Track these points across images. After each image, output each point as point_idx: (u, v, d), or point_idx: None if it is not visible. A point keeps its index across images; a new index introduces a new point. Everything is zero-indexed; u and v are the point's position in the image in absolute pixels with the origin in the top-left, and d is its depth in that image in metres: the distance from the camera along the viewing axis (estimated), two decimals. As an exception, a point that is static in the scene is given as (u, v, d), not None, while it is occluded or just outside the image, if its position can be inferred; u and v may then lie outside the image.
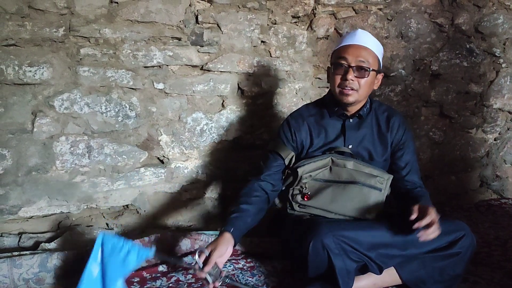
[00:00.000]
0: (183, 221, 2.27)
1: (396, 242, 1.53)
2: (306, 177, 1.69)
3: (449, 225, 1.54)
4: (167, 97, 2.16)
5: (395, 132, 1.76)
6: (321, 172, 1.70)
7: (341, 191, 1.66)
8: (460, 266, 1.56)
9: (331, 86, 1.72)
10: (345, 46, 1.68)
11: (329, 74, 1.75)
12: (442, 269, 1.55)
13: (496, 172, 2.89)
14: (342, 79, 1.65)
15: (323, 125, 1.77)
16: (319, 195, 1.68)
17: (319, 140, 1.76)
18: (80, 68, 1.97)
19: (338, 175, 1.69)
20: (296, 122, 1.78)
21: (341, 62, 1.65)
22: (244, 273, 1.72)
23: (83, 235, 2.01)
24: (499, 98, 2.80)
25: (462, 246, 1.53)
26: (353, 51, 1.64)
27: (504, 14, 2.71)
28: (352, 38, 1.68)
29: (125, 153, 2.10)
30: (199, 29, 2.17)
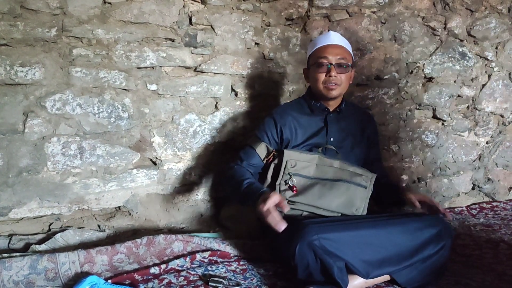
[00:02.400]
0: (176, 223, 2.26)
1: (390, 258, 1.55)
2: (291, 165, 1.74)
3: (425, 221, 1.62)
4: (160, 98, 2.15)
5: (369, 130, 1.99)
6: (307, 169, 1.76)
7: (328, 188, 1.75)
8: (446, 255, 1.62)
9: (314, 84, 1.86)
10: (323, 47, 1.83)
11: (308, 75, 1.91)
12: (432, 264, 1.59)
13: (488, 175, 2.91)
14: (326, 76, 1.81)
15: (305, 120, 1.89)
16: (307, 192, 1.74)
17: (302, 134, 1.86)
18: (73, 69, 1.96)
19: (324, 173, 1.78)
20: (281, 117, 1.87)
21: (323, 62, 1.81)
22: (236, 276, 1.71)
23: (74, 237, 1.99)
24: (491, 101, 2.82)
25: (444, 237, 1.59)
26: (332, 50, 1.82)
27: (496, 18, 2.73)
28: (327, 39, 1.85)
29: (118, 154, 2.09)
30: (193, 31, 2.16)
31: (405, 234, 1.57)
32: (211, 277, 1.65)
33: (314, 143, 1.84)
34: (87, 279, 1.51)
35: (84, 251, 1.72)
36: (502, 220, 2.52)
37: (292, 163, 1.75)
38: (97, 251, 1.74)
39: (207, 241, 1.91)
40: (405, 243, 1.56)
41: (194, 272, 1.71)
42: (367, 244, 1.54)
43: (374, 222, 1.63)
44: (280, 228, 1.45)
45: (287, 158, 1.75)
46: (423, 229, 1.58)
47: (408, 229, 1.58)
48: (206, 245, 1.90)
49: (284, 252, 1.57)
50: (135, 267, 1.75)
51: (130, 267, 1.75)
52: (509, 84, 2.84)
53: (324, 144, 1.85)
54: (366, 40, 2.49)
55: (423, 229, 1.58)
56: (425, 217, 1.66)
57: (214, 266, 1.77)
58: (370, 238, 1.56)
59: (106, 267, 1.72)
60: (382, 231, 1.58)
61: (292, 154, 1.78)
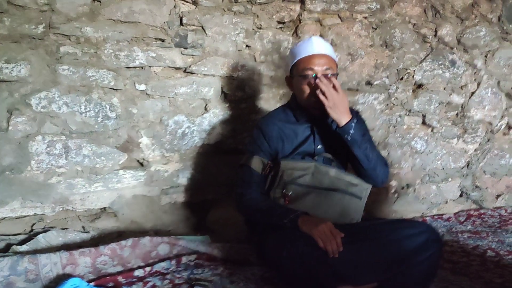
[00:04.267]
0: (162, 226, 2.22)
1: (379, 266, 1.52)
2: (288, 174, 1.70)
3: (414, 228, 1.55)
4: (148, 98, 2.12)
5: None
6: (303, 177, 1.71)
7: (323, 197, 1.70)
8: (435, 262, 1.57)
9: (300, 96, 1.79)
10: (308, 57, 1.74)
11: (292, 84, 1.83)
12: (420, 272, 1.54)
13: (476, 183, 2.92)
14: (312, 89, 1.71)
15: (292, 129, 1.82)
16: (301, 201, 1.70)
17: (290, 144, 1.80)
18: (60, 67, 1.93)
19: (320, 181, 1.72)
20: (267, 128, 1.81)
21: (308, 74, 1.72)
22: (222, 279, 1.68)
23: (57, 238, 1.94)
24: (480, 109, 2.83)
25: (432, 245, 1.54)
26: (318, 61, 1.72)
27: (486, 27, 2.75)
28: (311, 48, 1.75)
29: (104, 154, 2.05)
30: (183, 31, 2.14)
31: (394, 242, 1.54)
32: (196, 281, 1.62)
33: (302, 152, 1.80)
34: (69, 281, 1.47)
35: (67, 253, 1.68)
36: (489, 227, 2.53)
37: (288, 173, 1.71)
38: (80, 252, 1.70)
39: (193, 244, 1.88)
40: (394, 250, 1.54)
41: (180, 275, 1.68)
42: (355, 251, 1.52)
43: (363, 230, 1.61)
44: (335, 256, 1.45)
45: (284, 168, 1.71)
46: (411, 237, 1.54)
47: (396, 237, 1.55)
48: (193, 248, 1.87)
49: (271, 257, 1.54)
50: (119, 269, 1.71)
51: (114, 269, 1.71)
52: (497, 93, 2.86)
53: (311, 152, 1.80)
54: (357, 45, 2.50)
55: (411, 237, 1.54)
56: (413, 224, 1.64)
57: (200, 269, 1.74)
58: (359, 245, 1.54)
59: (89, 269, 1.69)
60: (371, 239, 1.55)
61: (288, 164, 1.73)
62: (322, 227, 1.48)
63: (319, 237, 1.47)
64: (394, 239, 1.55)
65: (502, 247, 2.18)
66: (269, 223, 1.61)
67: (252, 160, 1.77)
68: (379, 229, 1.60)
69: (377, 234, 1.57)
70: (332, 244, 1.46)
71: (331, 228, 1.49)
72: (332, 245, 1.46)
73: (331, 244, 1.46)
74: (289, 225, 1.53)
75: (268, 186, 1.76)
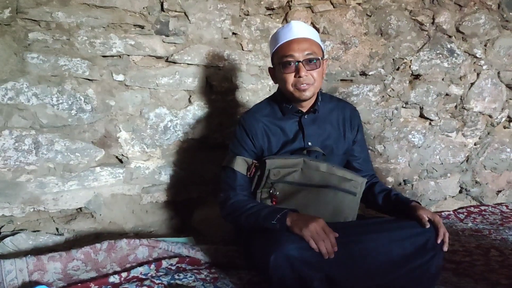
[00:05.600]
0: (143, 227, 2.10)
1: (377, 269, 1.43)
2: (274, 174, 1.58)
3: (415, 228, 1.48)
4: (127, 90, 2.00)
5: (356, 129, 1.79)
6: (292, 174, 1.60)
7: (314, 196, 1.60)
8: (437, 265, 1.49)
9: (283, 86, 1.66)
10: (286, 43, 1.61)
11: (275, 75, 1.70)
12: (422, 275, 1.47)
13: (476, 178, 2.84)
14: (295, 76, 1.60)
15: (278, 124, 1.69)
16: (291, 200, 1.59)
17: (277, 141, 1.68)
18: (28, 55, 1.79)
19: (310, 178, 1.61)
20: (251, 126, 1.68)
21: (289, 60, 1.59)
22: (206, 285, 1.56)
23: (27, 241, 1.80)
24: (480, 101, 2.73)
25: (434, 246, 1.47)
26: (298, 46, 1.59)
27: (485, 14, 2.65)
28: (290, 33, 1.62)
29: (79, 150, 1.92)
30: (165, 17, 2.01)
31: (393, 243, 1.44)
32: (177, 287, 1.52)
33: (291, 150, 1.67)
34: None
35: (34, 258, 1.55)
36: (491, 225, 2.43)
37: (275, 172, 1.59)
38: (50, 257, 1.57)
39: (175, 246, 1.76)
40: (392, 253, 1.44)
41: (159, 281, 1.56)
42: (351, 254, 1.41)
43: (360, 230, 1.50)
44: (331, 256, 1.35)
45: (270, 167, 1.59)
46: (411, 238, 1.45)
47: (397, 237, 1.45)
48: (174, 250, 1.74)
49: (258, 261, 1.44)
50: (93, 275, 1.59)
51: (87, 275, 1.58)
52: (498, 83, 2.76)
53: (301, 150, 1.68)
54: (351, 33, 2.38)
55: (411, 237, 1.45)
56: (413, 224, 1.52)
57: (182, 274, 1.62)
58: (355, 247, 1.43)
59: (59, 276, 1.56)
60: (368, 240, 1.45)
61: (275, 161, 1.60)
62: (314, 226, 1.36)
63: (311, 237, 1.34)
64: (392, 240, 1.45)
65: (506, 246, 2.09)
66: (256, 227, 1.49)
67: (235, 161, 1.64)
68: (375, 229, 1.49)
69: (374, 234, 1.46)
70: (326, 244, 1.35)
71: (323, 226, 1.38)
72: (326, 245, 1.35)
73: (324, 244, 1.35)
74: (278, 226, 1.40)
75: (255, 187, 1.64)
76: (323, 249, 1.34)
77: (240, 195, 1.61)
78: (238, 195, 1.61)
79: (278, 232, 1.39)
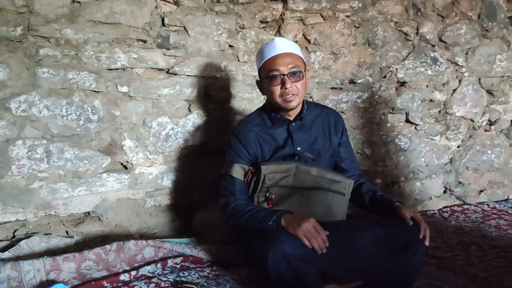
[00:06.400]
0: (147, 229, 2.20)
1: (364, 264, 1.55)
2: (270, 178, 1.69)
3: (398, 227, 1.59)
4: (131, 100, 2.11)
5: (340, 132, 1.90)
6: (285, 179, 1.72)
7: (307, 197, 1.71)
8: (419, 259, 1.60)
9: (270, 98, 1.77)
10: (272, 59, 1.74)
11: (263, 87, 1.82)
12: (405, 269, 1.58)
13: (459, 179, 2.95)
14: (281, 88, 1.72)
15: (269, 133, 1.81)
16: (284, 202, 1.70)
17: (269, 147, 1.80)
18: (39, 69, 1.90)
19: (302, 181, 1.73)
20: (244, 135, 1.80)
21: (275, 74, 1.71)
22: (209, 281, 1.68)
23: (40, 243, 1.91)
24: (462, 106, 2.86)
25: (417, 242, 1.57)
26: (282, 61, 1.72)
27: (466, 25, 2.78)
28: (274, 49, 1.75)
29: (87, 158, 2.03)
30: (165, 32, 2.13)
31: (379, 240, 1.56)
32: (183, 283, 1.62)
33: (282, 156, 1.79)
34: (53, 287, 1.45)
35: (50, 258, 1.66)
36: (473, 222, 2.56)
37: (270, 177, 1.70)
38: (64, 258, 1.68)
39: (179, 246, 1.87)
40: (379, 249, 1.55)
41: (166, 279, 1.67)
42: (341, 251, 1.53)
43: (349, 228, 1.62)
44: (323, 251, 1.47)
45: (265, 172, 1.70)
46: (396, 235, 1.57)
47: (382, 235, 1.57)
48: (178, 250, 1.86)
49: (256, 259, 1.54)
50: (104, 274, 1.70)
51: (99, 274, 1.69)
52: (479, 89, 2.90)
53: (291, 154, 1.79)
54: (340, 44, 2.50)
55: (396, 235, 1.57)
56: (398, 222, 1.65)
57: (186, 272, 1.74)
58: (344, 245, 1.55)
59: (74, 275, 1.66)
60: (356, 238, 1.57)
61: (269, 167, 1.72)
62: (306, 225, 1.48)
63: (304, 235, 1.47)
64: (379, 237, 1.56)
65: (485, 242, 2.22)
66: (255, 228, 1.61)
67: (233, 168, 1.75)
68: (363, 227, 1.61)
69: (362, 232, 1.58)
70: (318, 240, 1.47)
71: (314, 225, 1.50)
72: (318, 242, 1.47)
73: (316, 241, 1.47)
74: (274, 227, 1.53)
75: (252, 191, 1.75)
76: (316, 245, 1.46)
77: (239, 199, 1.71)
78: (237, 200, 1.71)
79: (275, 232, 1.51)
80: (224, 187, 1.77)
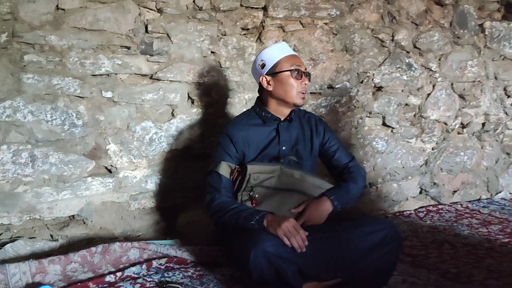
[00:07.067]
0: (132, 231, 2.23)
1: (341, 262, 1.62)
2: (254, 178, 1.75)
3: (374, 225, 1.67)
4: (115, 105, 2.14)
5: (321, 135, 1.97)
6: (269, 180, 1.78)
7: (287, 198, 1.78)
8: (394, 257, 1.68)
9: (288, 91, 1.82)
10: (293, 56, 1.85)
11: (271, 83, 1.84)
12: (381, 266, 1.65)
13: (434, 180, 3.05)
14: (301, 83, 1.81)
15: (257, 132, 1.87)
16: (267, 201, 1.76)
17: (256, 146, 1.85)
18: (24, 75, 1.92)
19: (285, 183, 1.79)
20: (234, 133, 1.84)
21: (298, 69, 1.81)
22: (193, 281, 1.73)
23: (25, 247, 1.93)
24: (436, 110, 2.97)
25: (392, 240, 1.64)
26: (299, 60, 1.85)
27: (439, 32, 2.90)
28: (289, 49, 1.88)
29: (72, 162, 2.05)
30: (149, 39, 2.17)
31: (355, 239, 1.64)
32: (167, 284, 1.66)
33: (267, 154, 1.85)
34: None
35: (36, 261, 1.68)
36: (446, 222, 2.66)
37: (254, 177, 1.76)
38: (50, 260, 1.71)
39: (163, 248, 1.91)
40: (355, 247, 1.63)
41: (151, 279, 1.71)
42: (319, 249, 1.60)
43: (326, 228, 1.70)
44: (303, 250, 1.54)
45: (250, 172, 1.76)
46: (371, 234, 1.64)
47: (358, 234, 1.64)
48: (163, 252, 1.90)
49: (239, 258, 1.60)
50: (90, 275, 1.72)
51: (85, 276, 1.72)
52: (451, 94, 3.01)
53: (276, 153, 1.86)
54: (319, 50, 2.58)
55: (372, 233, 1.64)
56: (374, 221, 1.73)
57: (170, 272, 1.78)
58: (322, 243, 1.62)
59: (59, 277, 1.69)
60: (333, 237, 1.65)
61: (255, 167, 1.77)
62: (286, 225, 1.55)
63: (284, 235, 1.54)
64: (356, 236, 1.64)
65: (457, 240, 2.32)
66: (238, 226, 1.66)
67: (220, 166, 1.80)
68: (341, 227, 1.69)
69: (339, 232, 1.66)
70: (297, 240, 1.54)
71: (294, 225, 1.57)
72: (298, 241, 1.54)
73: (296, 240, 1.54)
74: (256, 226, 1.59)
75: (236, 189, 1.81)
76: (295, 244, 1.53)
77: (225, 196, 1.76)
78: (223, 197, 1.76)
79: (257, 232, 1.57)
80: (210, 184, 1.81)
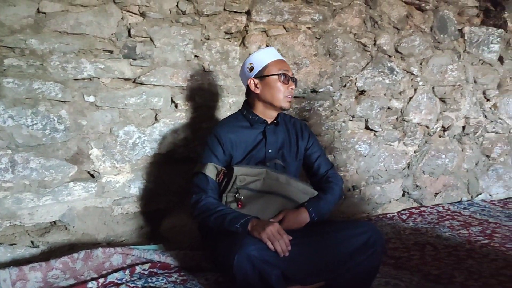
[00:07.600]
0: (115, 237, 2.21)
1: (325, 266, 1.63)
2: (240, 180, 1.76)
3: (357, 229, 1.68)
4: (98, 110, 2.12)
5: (306, 140, 2.00)
6: (255, 183, 1.79)
7: (272, 202, 1.80)
8: (377, 259, 1.68)
9: (274, 95, 1.85)
10: (281, 61, 1.89)
11: (258, 86, 1.87)
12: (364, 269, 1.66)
13: (416, 182, 3.10)
14: (287, 88, 1.85)
15: (244, 134, 1.89)
16: (252, 204, 1.78)
17: (243, 149, 1.88)
18: (4, 79, 1.90)
19: (270, 187, 1.81)
20: (222, 134, 1.86)
21: (285, 74, 1.85)
22: (177, 286, 1.72)
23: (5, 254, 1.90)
24: (417, 113, 3.02)
25: (375, 243, 1.65)
26: (287, 66, 1.89)
27: (420, 37, 2.95)
28: (277, 54, 1.92)
29: (53, 167, 2.03)
30: (132, 43, 2.16)
31: (338, 242, 1.65)
32: (151, 289, 1.65)
33: (253, 156, 1.87)
34: None
35: (16, 268, 1.66)
36: (428, 224, 2.70)
37: (241, 178, 1.77)
38: (30, 267, 1.68)
39: (147, 253, 1.90)
40: (338, 251, 1.64)
41: (134, 285, 1.70)
42: (302, 253, 1.61)
43: (309, 232, 1.71)
44: (286, 254, 1.55)
45: (237, 173, 1.77)
46: (354, 237, 1.65)
47: (341, 237, 1.66)
48: (146, 257, 1.89)
49: (223, 262, 1.60)
50: (72, 282, 1.71)
51: (66, 282, 1.70)
52: (432, 98, 3.07)
53: (263, 156, 1.88)
54: (302, 55, 2.60)
55: (355, 236, 1.65)
56: (357, 224, 1.75)
57: (154, 277, 1.77)
58: (306, 247, 1.63)
59: (40, 284, 1.67)
60: (316, 241, 1.66)
61: (242, 169, 1.79)
62: (270, 229, 1.56)
63: (268, 239, 1.55)
64: (339, 240, 1.65)
65: (439, 242, 2.35)
66: (222, 229, 1.67)
67: (206, 167, 1.81)
68: (324, 230, 1.70)
69: (323, 235, 1.67)
70: (281, 244, 1.55)
71: (278, 229, 1.58)
72: (281, 245, 1.55)
73: (279, 244, 1.55)
74: (241, 230, 1.60)
75: (222, 190, 1.81)
76: (279, 248, 1.54)
77: (211, 198, 1.77)
78: (209, 198, 1.76)
79: (241, 235, 1.57)
80: (196, 185, 1.81)
